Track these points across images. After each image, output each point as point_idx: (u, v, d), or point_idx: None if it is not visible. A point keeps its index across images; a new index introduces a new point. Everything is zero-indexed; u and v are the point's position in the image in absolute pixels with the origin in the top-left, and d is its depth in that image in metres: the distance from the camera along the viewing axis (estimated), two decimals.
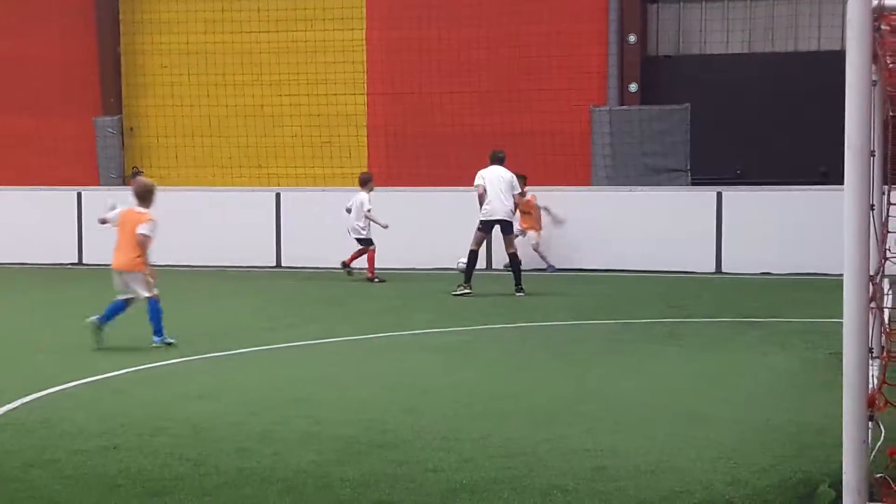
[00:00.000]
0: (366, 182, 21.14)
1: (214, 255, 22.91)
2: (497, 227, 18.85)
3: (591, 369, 12.26)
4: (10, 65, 25.46)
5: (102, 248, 22.32)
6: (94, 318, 13.65)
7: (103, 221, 14.24)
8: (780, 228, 21.17)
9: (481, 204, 18.63)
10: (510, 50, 23.88)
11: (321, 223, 22.15)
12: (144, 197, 13.89)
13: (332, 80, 24.54)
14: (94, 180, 24.72)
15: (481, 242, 19.09)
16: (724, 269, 21.43)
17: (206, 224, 23.12)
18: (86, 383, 11.46)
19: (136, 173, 24.85)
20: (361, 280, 20.86)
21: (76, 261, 23.73)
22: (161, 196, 23.58)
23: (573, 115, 23.52)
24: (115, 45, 24.85)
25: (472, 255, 18.70)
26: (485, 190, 18.53)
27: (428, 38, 23.99)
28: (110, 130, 24.78)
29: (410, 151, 23.92)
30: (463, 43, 23.93)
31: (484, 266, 21.12)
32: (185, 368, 12.44)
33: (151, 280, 13.78)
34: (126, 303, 13.77)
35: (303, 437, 9.12)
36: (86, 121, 24.93)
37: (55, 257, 23.60)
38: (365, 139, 24.41)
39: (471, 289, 18.44)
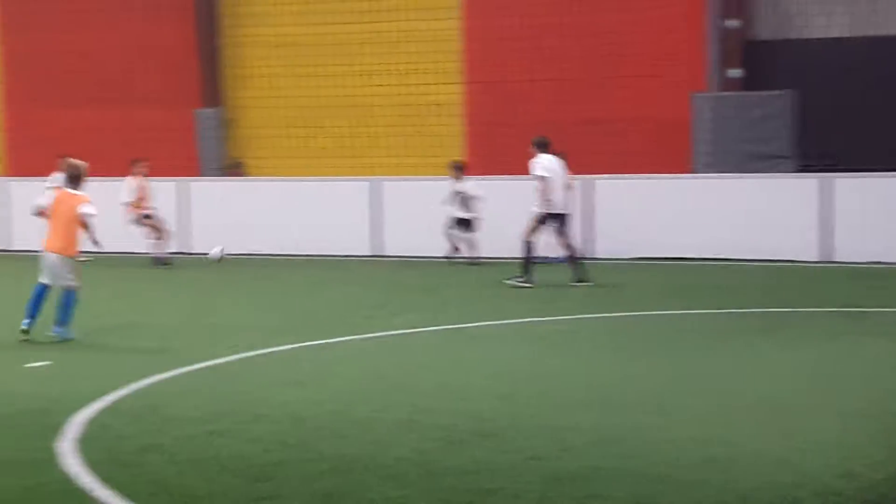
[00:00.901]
0: (460, 169, 21.36)
1: (310, 244, 23.10)
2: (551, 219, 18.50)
3: (694, 359, 12.16)
4: (111, 57, 25.87)
5: (203, 237, 22.88)
6: (25, 323, 13.32)
7: (41, 213, 13.96)
8: (889, 215, 20.68)
9: (544, 195, 18.18)
10: (603, 36, 23.70)
11: (415, 212, 22.23)
12: (76, 178, 13.60)
13: (425, 69, 24.58)
14: (195, 171, 25.06)
15: (540, 234, 18.66)
16: (829, 258, 21.01)
17: (302, 214, 23.32)
18: (192, 370, 11.64)
19: (236, 164, 25.21)
20: (455, 267, 20.92)
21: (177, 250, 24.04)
22: (260, 186, 24.32)
23: (669, 101, 23.28)
24: (214, 37, 25.15)
25: (530, 247, 18.25)
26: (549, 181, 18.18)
27: (523, 26, 23.92)
28: (211, 122, 25.09)
29: (504, 140, 23.90)
30: (557, 30, 23.81)
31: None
32: (284, 357, 12.58)
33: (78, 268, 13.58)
34: (45, 287, 13.42)
35: (403, 425, 9.20)
36: (186, 112, 25.28)
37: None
38: (459, 128, 24.43)
39: (533, 282, 18.01)
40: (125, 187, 22.01)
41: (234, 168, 25.36)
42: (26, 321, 13.28)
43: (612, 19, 23.64)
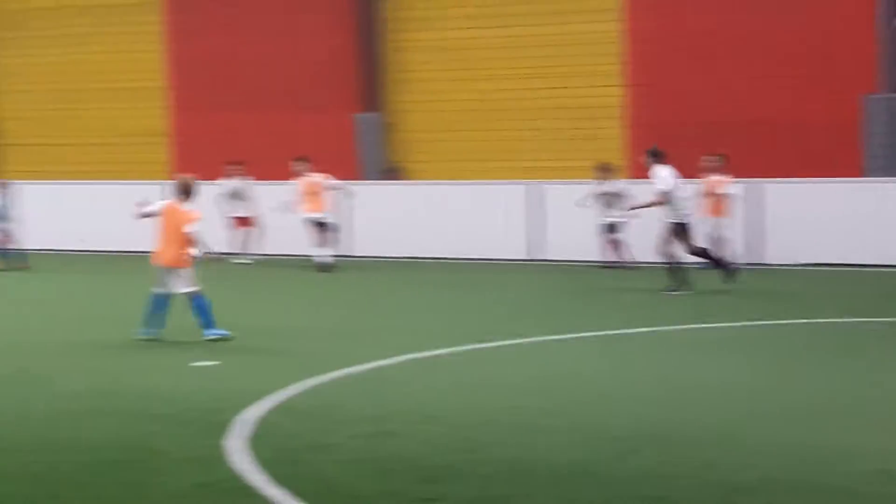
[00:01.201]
0: (608, 171, 21.47)
1: (468, 247, 23.07)
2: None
3: (867, 369, 11.74)
4: (272, 62, 26.23)
5: (364, 240, 23.06)
6: (141, 333, 13.49)
7: (145, 215, 14.08)
8: None
9: (662, 205, 17.67)
10: (767, 37, 23.18)
11: (574, 215, 21.99)
12: (186, 192, 13.79)
13: (584, 72, 24.35)
14: (355, 176, 25.24)
15: (675, 244, 18.15)
16: None
17: (460, 217, 23.31)
18: (360, 371, 11.67)
19: (396, 168, 25.33)
20: (611, 271, 20.66)
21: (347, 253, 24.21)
22: (419, 190, 24.40)
23: (836, 103, 22.64)
24: (375, 42, 25.32)
25: (673, 256, 17.71)
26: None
27: (685, 28, 23.54)
28: (371, 126, 25.26)
29: (665, 143, 23.49)
30: (720, 31, 23.35)
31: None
32: (451, 360, 12.52)
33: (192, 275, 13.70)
34: (166, 298, 13.63)
35: (571, 430, 9.06)
36: (346, 117, 25.50)
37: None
38: (618, 131, 24.15)
39: (690, 289, 17.53)
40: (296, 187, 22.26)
41: (393, 172, 25.48)
42: (143, 331, 13.48)
43: (776, 20, 23.10)
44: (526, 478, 7.73)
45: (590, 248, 21.46)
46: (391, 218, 23.80)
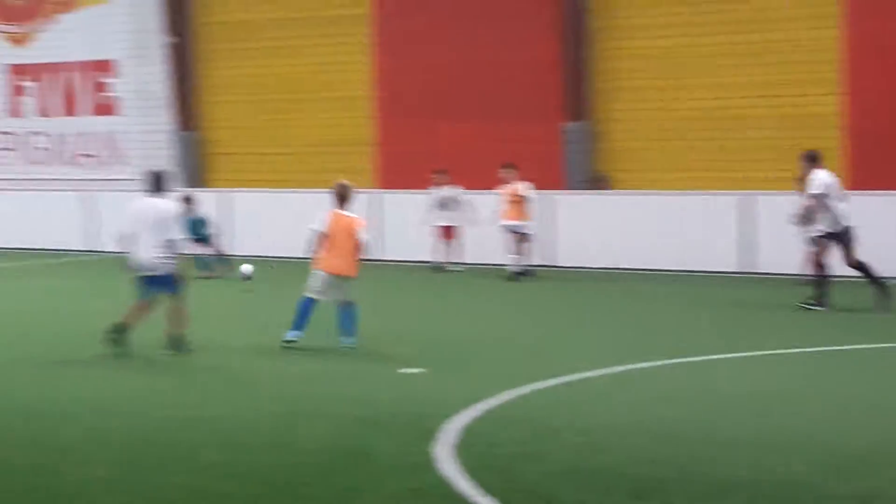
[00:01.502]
0: None
1: (676, 259, 22.69)
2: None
3: None
4: (478, 72, 26.30)
5: (567, 250, 22.92)
6: (290, 335, 13.54)
7: (317, 243, 13.84)
8: None
9: (815, 210, 17.06)
10: None
11: (786, 227, 21.32)
12: (344, 198, 13.90)
13: (799, 80, 23.66)
14: (560, 185, 25.12)
15: (829, 254, 17.26)
16: None
17: (667, 228, 22.94)
18: (564, 382, 11.57)
19: (602, 178, 25.08)
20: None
21: (549, 263, 24.14)
22: (625, 200, 24.14)
23: None
24: (582, 50, 25.13)
25: (823, 268, 17.01)
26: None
27: None
28: (577, 135, 25.09)
29: (890, 153, 22.67)
30: None
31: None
32: (656, 372, 12.32)
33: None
34: (313, 302, 13.63)
35: (782, 448, 8.75)
36: (552, 126, 25.40)
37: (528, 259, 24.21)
38: (837, 141, 23.38)
39: (825, 306, 16.80)
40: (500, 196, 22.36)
41: (599, 182, 25.25)
42: (294, 333, 13.57)
43: None
44: (741, 497, 7.50)
45: (800, 262, 20.80)
46: (595, 228, 23.61)
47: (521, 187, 22.21)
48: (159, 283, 13.25)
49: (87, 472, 8.14)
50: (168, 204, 13.57)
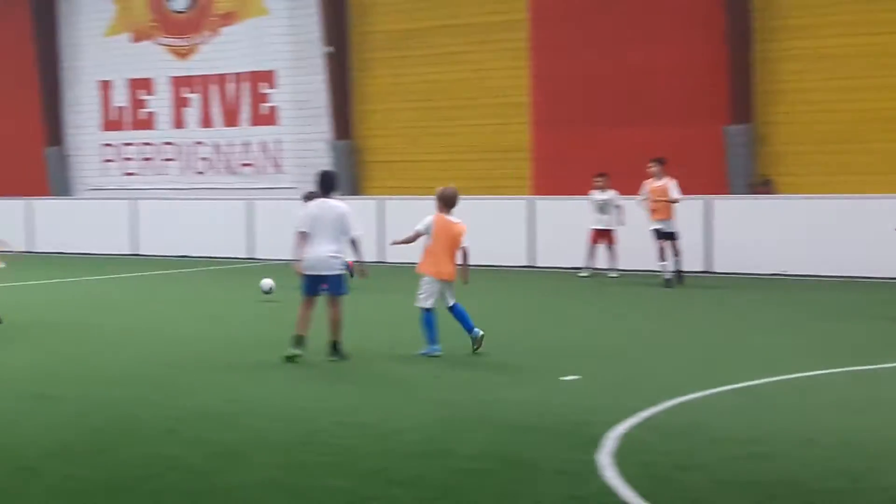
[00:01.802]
0: None
1: (841, 264, 22.08)
2: None
3: None
4: (638, 75, 26.02)
5: (727, 256, 22.54)
6: (431, 350, 13.49)
7: (412, 239, 13.89)
8: None
9: None
10: None
11: None
12: (450, 203, 13.93)
13: None
14: (723, 189, 24.68)
15: None
16: None
17: (834, 233, 22.36)
18: (727, 390, 11.31)
19: (765, 182, 24.54)
20: None
21: (703, 269, 23.75)
22: (790, 204, 23.53)
23: None
24: (746, 52, 24.64)
25: None
26: None
27: None
28: (740, 138, 24.60)
29: None
30: None
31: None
32: (825, 380, 11.96)
33: None
34: (433, 311, 13.62)
35: None
36: (714, 130, 24.96)
37: (684, 264, 23.85)
38: None
39: None
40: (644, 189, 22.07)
41: (763, 185, 24.71)
42: (433, 348, 13.54)
43: None
44: None
45: None
46: (755, 233, 23.15)
47: (671, 185, 21.73)
48: (331, 284, 13.34)
49: (251, 475, 8.21)
50: (342, 204, 13.63)
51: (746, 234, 23.37)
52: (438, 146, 28.64)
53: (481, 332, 13.67)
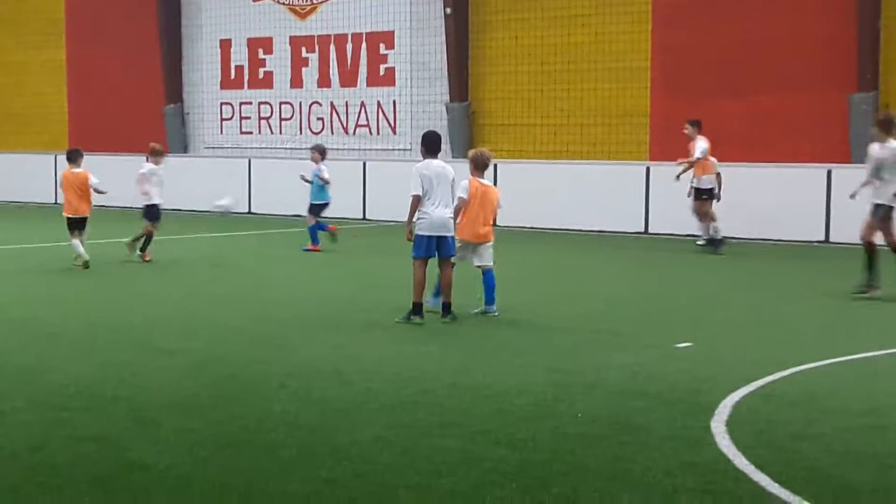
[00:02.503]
0: None
1: None
2: None
3: None
4: (762, 45, 25.53)
5: (847, 226, 22.19)
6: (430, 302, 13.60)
7: (460, 208, 13.61)
8: None
9: None
10: None
11: None
12: (485, 165, 13.98)
13: None
14: (846, 158, 24.16)
15: None
16: None
17: None
18: (842, 362, 11.14)
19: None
20: None
21: (823, 238, 23.37)
22: None
23: None
24: (875, 19, 24.02)
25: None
26: None
27: None
28: (865, 107, 24.02)
29: None
30: None
31: None
32: None
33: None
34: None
35: None
36: (839, 98, 24.41)
37: (803, 234, 23.47)
38: None
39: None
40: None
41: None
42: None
43: None
44: None
45: None
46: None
47: (697, 144, 21.91)
48: (445, 245, 13.38)
49: (361, 432, 8.28)
50: (448, 166, 13.60)
51: (867, 204, 22.81)
52: (556, 110, 28.48)
53: (494, 312, 13.70)
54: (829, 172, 23.42)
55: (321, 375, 10.29)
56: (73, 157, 18.79)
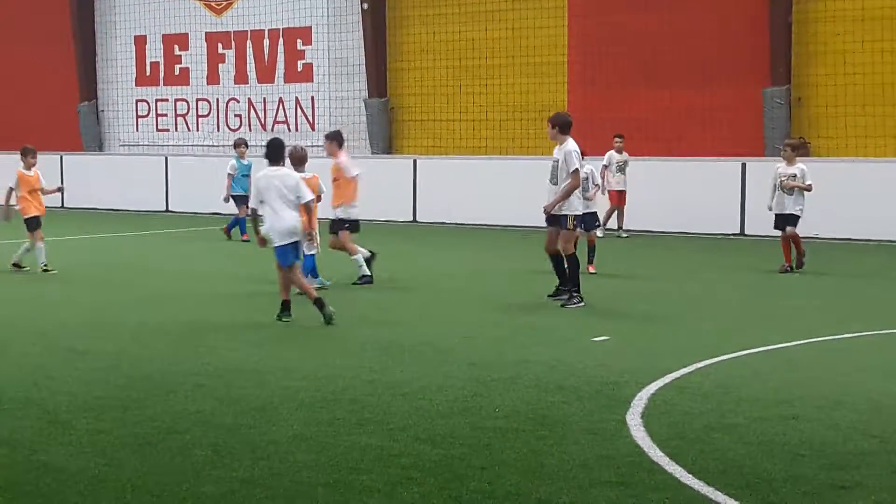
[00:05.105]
0: None
1: (875, 228, 21.97)
2: None
3: None
4: (677, 36, 25.75)
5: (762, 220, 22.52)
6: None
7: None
8: None
9: None
10: None
11: None
12: (304, 160, 15.36)
13: None
14: (759, 151, 24.47)
15: None
16: None
17: (870, 196, 22.19)
18: (756, 353, 11.27)
19: (801, 144, 24.30)
20: None
21: (738, 231, 23.68)
22: (824, 167, 23.32)
23: None
24: (786, 14, 24.35)
25: None
26: None
27: None
28: (778, 101, 24.35)
29: None
30: None
31: None
32: (855, 343, 11.92)
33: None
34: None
35: None
36: (752, 92, 24.73)
37: (718, 227, 23.76)
38: None
39: None
40: None
41: (799, 148, 24.46)
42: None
43: None
44: None
45: None
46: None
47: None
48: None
49: (278, 431, 8.23)
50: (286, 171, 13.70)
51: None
52: (474, 105, 28.53)
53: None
54: (743, 166, 23.71)
55: (239, 375, 10.22)
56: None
